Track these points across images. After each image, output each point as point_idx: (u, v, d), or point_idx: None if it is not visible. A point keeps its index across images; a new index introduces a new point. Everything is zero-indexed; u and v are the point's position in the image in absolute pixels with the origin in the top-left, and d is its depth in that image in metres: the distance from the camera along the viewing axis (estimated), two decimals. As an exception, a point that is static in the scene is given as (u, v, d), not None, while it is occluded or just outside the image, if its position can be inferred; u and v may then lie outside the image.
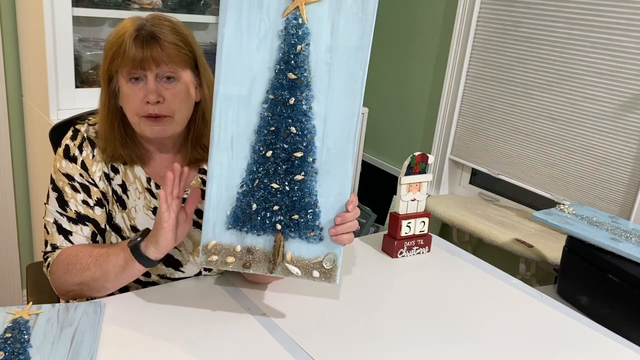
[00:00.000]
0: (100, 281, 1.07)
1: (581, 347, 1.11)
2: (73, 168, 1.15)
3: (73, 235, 1.14)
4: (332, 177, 0.95)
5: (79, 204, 1.14)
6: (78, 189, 1.14)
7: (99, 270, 1.06)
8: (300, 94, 0.92)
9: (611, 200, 1.95)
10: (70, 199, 1.14)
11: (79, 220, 1.14)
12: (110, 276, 1.06)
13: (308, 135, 0.94)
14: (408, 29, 2.62)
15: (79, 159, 1.15)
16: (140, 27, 1.07)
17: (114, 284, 1.08)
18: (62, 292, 1.13)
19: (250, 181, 0.95)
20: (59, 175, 1.15)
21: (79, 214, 1.14)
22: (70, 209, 1.14)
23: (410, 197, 1.42)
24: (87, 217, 1.14)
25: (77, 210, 1.14)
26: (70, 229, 1.14)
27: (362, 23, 0.90)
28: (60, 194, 1.14)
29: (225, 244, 0.97)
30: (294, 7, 0.90)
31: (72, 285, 1.10)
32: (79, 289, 1.10)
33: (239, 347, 0.99)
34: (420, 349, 1.04)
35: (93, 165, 1.16)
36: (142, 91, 1.08)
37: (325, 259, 0.98)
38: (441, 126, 2.49)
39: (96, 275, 1.07)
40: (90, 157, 1.16)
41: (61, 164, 1.16)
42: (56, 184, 1.15)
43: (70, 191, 1.14)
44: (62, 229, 1.14)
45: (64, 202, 1.14)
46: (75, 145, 1.16)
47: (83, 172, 1.15)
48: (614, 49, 1.87)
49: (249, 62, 0.91)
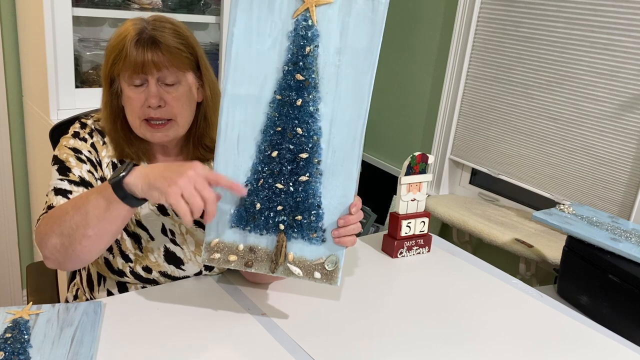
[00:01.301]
0: (80, 228, 0.95)
1: (581, 347, 1.12)
2: (82, 145, 1.13)
3: (73, 194, 1.05)
4: (336, 179, 0.95)
5: (84, 172, 1.08)
6: (84, 161, 1.10)
7: (77, 214, 0.95)
8: (308, 95, 0.92)
9: (611, 200, 1.95)
10: (74, 167, 1.08)
11: (81, 183, 1.07)
12: (92, 220, 0.94)
13: (314, 137, 0.94)
14: (408, 28, 2.62)
15: (89, 141, 1.14)
16: (142, 31, 1.07)
17: (96, 230, 0.95)
18: (47, 253, 1.00)
19: (255, 181, 0.95)
20: (64, 149, 1.10)
21: (83, 178, 1.08)
22: (74, 174, 1.07)
23: (410, 197, 1.42)
24: (90, 183, 1.07)
25: (82, 175, 1.08)
26: (71, 189, 1.06)
27: (372, 26, 0.90)
28: (63, 164, 1.09)
29: (228, 243, 0.97)
30: (304, 8, 0.90)
31: (52, 237, 0.97)
32: (60, 243, 0.97)
33: (239, 347, 0.99)
34: (420, 348, 1.04)
35: (103, 151, 1.14)
36: (144, 95, 1.08)
37: (327, 260, 0.98)
38: (441, 126, 2.49)
39: (75, 219, 0.95)
40: (101, 144, 1.15)
41: (69, 142, 1.12)
42: (59, 157, 1.10)
43: (75, 161, 1.09)
44: (61, 191, 1.06)
45: (67, 169, 1.07)
46: (85, 132, 1.15)
47: (92, 151, 1.12)
48: (614, 49, 1.87)
49: (257, 62, 0.91)
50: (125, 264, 1.15)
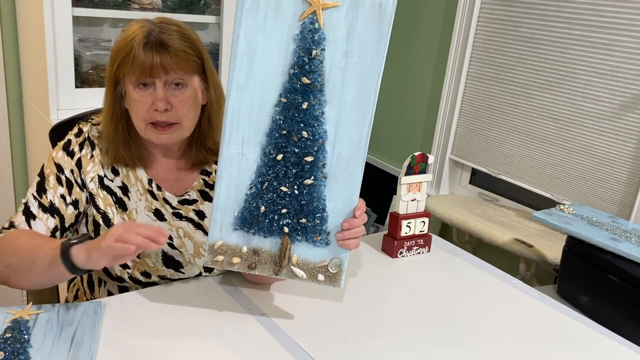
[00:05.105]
0: (24, 271, 1.02)
1: (581, 347, 1.12)
2: (67, 162, 1.15)
3: (36, 220, 1.11)
4: (341, 183, 0.95)
5: (57, 196, 1.13)
6: (62, 183, 1.14)
7: (27, 258, 1.01)
8: (314, 98, 0.92)
9: (611, 200, 1.95)
10: (50, 189, 1.13)
11: (49, 210, 1.12)
12: (35, 269, 1.01)
13: (319, 140, 0.94)
14: (408, 28, 2.62)
15: (76, 156, 1.15)
16: (149, 34, 1.07)
17: (37, 279, 1.03)
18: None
19: (259, 183, 0.95)
20: (51, 163, 1.15)
21: (52, 204, 1.13)
22: (46, 197, 1.13)
23: (410, 197, 1.42)
24: (58, 210, 1.13)
25: (52, 200, 1.13)
26: (37, 214, 1.11)
27: (378, 29, 0.90)
28: (43, 180, 1.14)
29: (232, 245, 0.97)
30: (311, 11, 0.89)
31: (1, 266, 1.05)
32: (5, 273, 1.04)
33: (239, 347, 0.99)
34: (420, 348, 1.04)
35: (89, 165, 1.15)
36: (150, 98, 1.08)
37: (331, 263, 0.98)
38: (441, 126, 2.49)
39: (23, 262, 1.02)
40: (88, 157, 1.16)
41: (57, 154, 1.16)
42: (44, 170, 1.15)
43: (54, 182, 1.14)
44: (28, 211, 1.12)
45: (43, 189, 1.13)
46: (76, 142, 1.16)
47: (75, 170, 1.15)
48: (614, 49, 1.87)
49: (263, 65, 0.91)
50: (124, 271, 1.15)
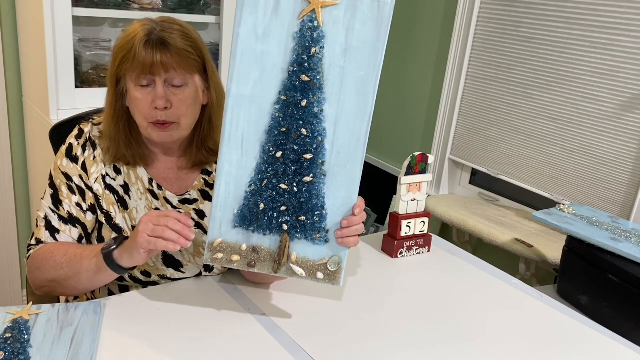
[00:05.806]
0: (72, 281, 1.07)
1: (581, 347, 1.12)
2: (73, 168, 1.15)
3: (60, 234, 1.14)
4: (340, 180, 0.96)
5: (73, 205, 1.14)
6: (74, 191, 1.15)
7: (71, 271, 1.07)
8: (313, 96, 0.92)
9: (611, 200, 1.95)
10: (65, 199, 1.14)
11: (69, 220, 1.14)
12: (82, 279, 1.06)
13: (318, 138, 0.94)
14: (408, 28, 2.62)
15: (81, 160, 1.16)
16: (150, 32, 1.07)
17: (86, 287, 1.09)
18: (36, 287, 1.14)
19: (259, 181, 0.95)
20: (58, 173, 1.16)
21: (71, 215, 1.14)
22: (63, 209, 1.14)
23: (410, 197, 1.42)
24: (78, 219, 1.15)
25: (70, 211, 1.14)
26: (59, 227, 1.14)
27: (377, 27, 0.90)
28: (56, 192, 1.15)
29: (231, 243, 0.97)
30: (311, 9, 0.89)
31: (44, 281, 1.11)
32: (51, 286, 1.11)
33: (239, 347, 0.99)
34: (420, 348, 1.04)
35: (93, 167, 1.16)
36: (151, 96, 1.08)
37: (330, 261, 0.98)
38: (441, 126, 2.49)
39: (68, 275, 1.07)
40: (91, 158, 1.16)
41: (62, 163, 1.16)
42: (54, 181, 1.16)
43: (67, 191, 1.15)
44: (50, 226, 1.14)
45: (58, 201, 1.14)
46: (79, 145, 1.16)
47: (83, 174, 1.15)
48: (614, 49, 1.87)
49: (262, 63, 0.91)
50: None
